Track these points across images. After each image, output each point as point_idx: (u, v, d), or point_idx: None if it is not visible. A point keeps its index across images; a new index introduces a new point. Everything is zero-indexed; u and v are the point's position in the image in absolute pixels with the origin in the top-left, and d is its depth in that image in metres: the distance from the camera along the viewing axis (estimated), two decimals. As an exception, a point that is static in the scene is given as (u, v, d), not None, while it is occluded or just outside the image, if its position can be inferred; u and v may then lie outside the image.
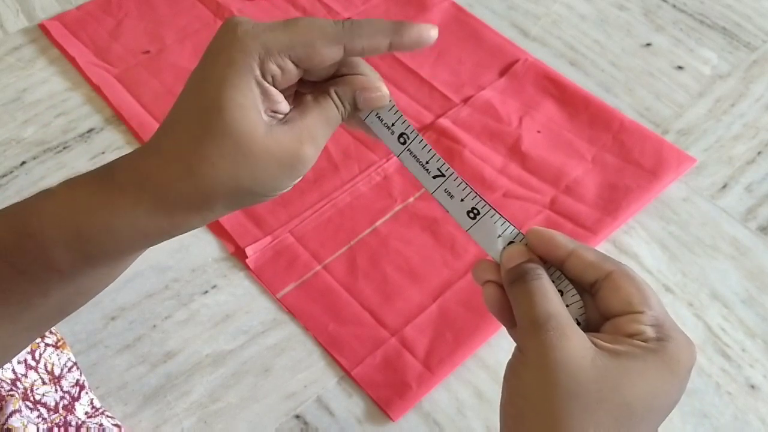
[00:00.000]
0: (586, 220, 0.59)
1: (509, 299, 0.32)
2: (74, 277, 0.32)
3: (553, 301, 0.31)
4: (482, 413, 0.51)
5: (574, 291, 0.33)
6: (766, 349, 0.54)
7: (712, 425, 0.50)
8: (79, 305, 0.35)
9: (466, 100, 0.69)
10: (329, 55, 0.31)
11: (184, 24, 0.77)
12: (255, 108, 0.30)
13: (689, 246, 0.59)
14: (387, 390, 0.52)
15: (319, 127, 0.32)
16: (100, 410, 0.49)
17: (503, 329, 0.54)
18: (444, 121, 0.67)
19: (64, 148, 0.67)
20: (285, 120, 0.31)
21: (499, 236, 0.34)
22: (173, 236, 0.32)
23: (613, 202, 0.61)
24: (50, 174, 0.65)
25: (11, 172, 0.65)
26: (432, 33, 0.33)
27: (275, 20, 0.32)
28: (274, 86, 0.31)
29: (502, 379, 0.33)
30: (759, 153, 0.66)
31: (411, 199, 0.62)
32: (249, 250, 0.58)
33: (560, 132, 0.66)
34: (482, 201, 0.34)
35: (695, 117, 0.68)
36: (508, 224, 0.34)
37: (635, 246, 0.59)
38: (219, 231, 0.60)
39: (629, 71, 0.72)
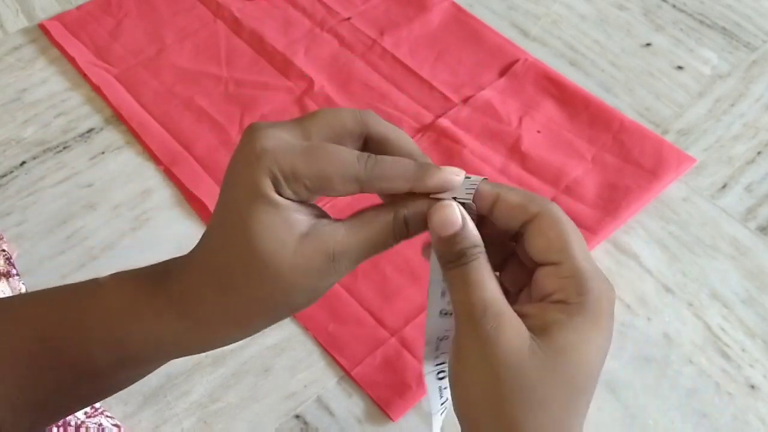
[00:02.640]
0: (586, 220, 0.59)
1: (443, 274, 0.30)
2: (107, 376, 0.33)
3: (489, 287, 0.29)
4: (482, 413, 0.51)
5: None
6: (765, 349, 0.54)
7: (712, 425, 0.50)
8: (101, 398, 0.36)
9: (466, 100, 0.69)
10: (345, 190, 0.30)
11: (184, 24, 0.77)
12: (281, 224, 0.29)
13: (689, 246, 0.59)
14: (387, 390, 0.52)
15: (362, 248, 0.30)
16: (100, 410, 0.49)
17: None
18: (444, 121, 0.67)
19: (64, 148, 0.67)
20: (329, 223, 0.30)
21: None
22: (215, 348, 0.32)
23: (613, 202, 0.61)
24: (50, 174, 0.65)
25: (11, 172, 0.65)
26: (457, 178, 0.30)
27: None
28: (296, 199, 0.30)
29: (452, 356, 0.32)
30: (759, 153, 0.66)
31: (411, 199, 0.62)
32: (249, 250, 0.58)
33: (560, 132, 0.66)
34: None
35: (695, 117, 0.68)
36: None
37: (635, 246, 0.59)
38: (219, 231, 0.60)
39: (629, 71, 0.72)
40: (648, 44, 0.74)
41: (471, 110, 0.68)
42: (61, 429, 0.46)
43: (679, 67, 0.72)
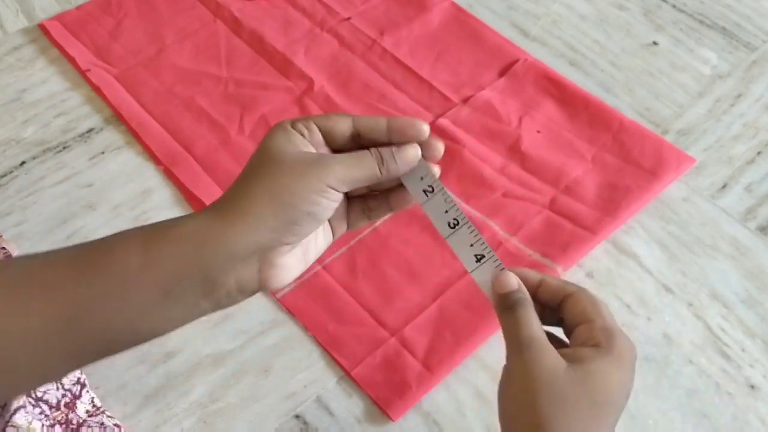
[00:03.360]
0: (586, 221, 0.59)
1: (500, 321, 0.39)
2: (124, 283, 0.34)
3: (534, 327, 0.37)
4: (482, 413, 0.51)
5: None
6: (765, 349, 0.54)
7: (712, 425, 0.50)
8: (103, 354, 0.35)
9: (465, 100, 0.69)
10: (342, 125, 0.38)
11: (184, 24, 0.77)
12: (288, 142, 0.36)
13: (689, 246, 0.59)
14: (387, 390, 0.52)
15: (346, 164, 0.37)
16: (101, 409, 0.49)
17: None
18: (444, 121, 0.67)
19: (64, 148, 0.67)
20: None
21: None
22: (219, 252, 0.34)
23: (613, 202, 0.61)
24: (50, 174, 0.65)
25: (11, 172, 0.65)
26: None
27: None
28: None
29: (501, 379, 0.35)
30: (759, 153, 0.66)
31: (411, 199, 0.62)
32: (249, 250, 0.58)
33: (560, 132, 0.66)
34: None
35: (695, 117, 0.68)
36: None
37: (635, 246, 0.59)
38: (219, 231, 0.60)
39: (629, 71, 0.72)
40: (654, 43, 0.74)
41: (471, 110, 0.68)
42: (63, 426, 0.46)
43: (679, 67, 0.72)
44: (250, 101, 0.70)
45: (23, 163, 0.66)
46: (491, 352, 0.53)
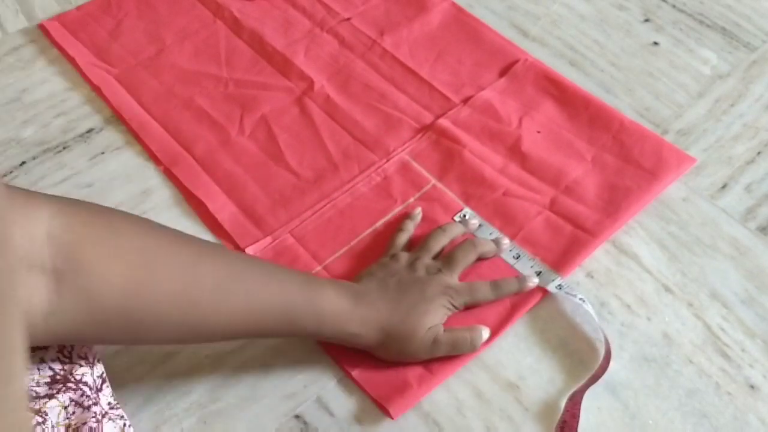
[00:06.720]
0: (586, 223, 0.59)
1: None
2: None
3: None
4: (482, 413, 0.51)
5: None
6: (765, 349, 0.54)
7: (712, 425, 0.50)
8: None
9: (466, 101, 0.69)
10: None
11: (184, 24, 0.77)
12: None
13: (689, 246, 0.59)
14: (387, 390, 0.51)
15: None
16: (118, 405, 0.49)
17: (504, 330, 0.54)
18: (444, 122, 0.67)
19: (64, 148, 0.67)
20: None
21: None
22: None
23: (613, 202, 0.60)
24: (50, 174, 0.65)
25: (11, 172, 0.65)
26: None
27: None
28: None
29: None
30: (759, 153, 0.66)
31: (411, 200, 0.62)
32: (249, 251, 0.58)
33: (560, 132, 0.66)
34: None
35: (695, 117, 0.68)
36: None
37: (635, 246, 0.59)
38: (219, 231, 0.60)
39: (629, 71, 0.72)
40: (655, 43, 0.74)
41: (471, 110, 0.68)
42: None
43: (679, 68, 0.72)
44: (250, 101, 0.70)
45: (23, 163, 0.66)
46: (491, 352, 0.53)
